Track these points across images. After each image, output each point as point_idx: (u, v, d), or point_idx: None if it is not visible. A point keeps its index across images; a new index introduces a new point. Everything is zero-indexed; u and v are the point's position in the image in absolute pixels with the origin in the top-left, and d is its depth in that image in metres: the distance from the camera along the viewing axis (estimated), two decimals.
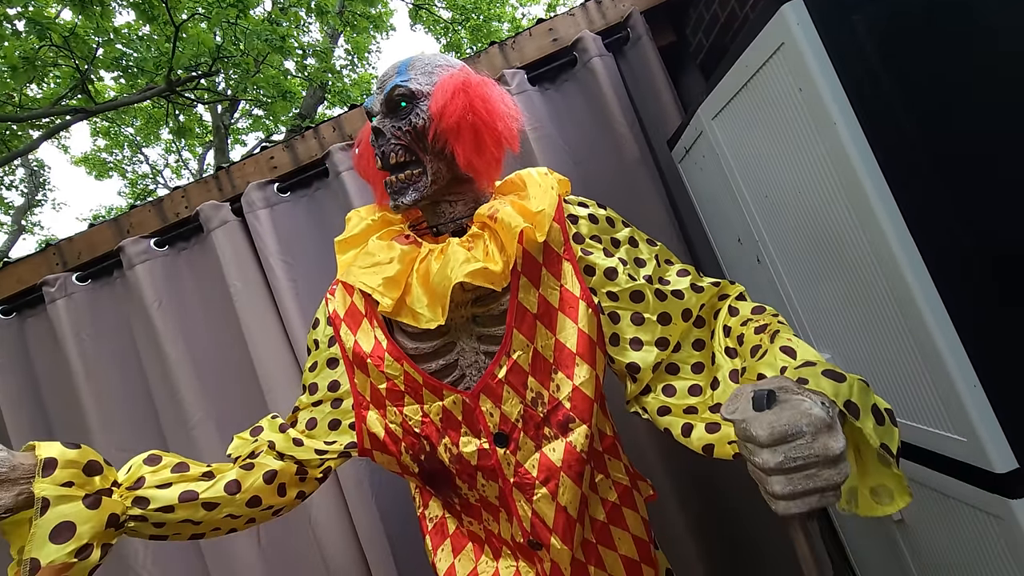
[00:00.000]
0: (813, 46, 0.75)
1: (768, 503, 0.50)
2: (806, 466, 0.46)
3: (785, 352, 0.61)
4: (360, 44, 6.53)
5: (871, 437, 0.50)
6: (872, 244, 0.78)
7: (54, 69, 4.11)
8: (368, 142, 0.86)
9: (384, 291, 0.76)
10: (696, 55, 1.71)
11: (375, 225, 0.85)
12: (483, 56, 1.64)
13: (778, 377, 0.52)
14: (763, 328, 0.70)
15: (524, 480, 0.78)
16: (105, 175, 9.87)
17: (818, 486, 0.46)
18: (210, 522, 0.75)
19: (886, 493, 0.54)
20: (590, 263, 0.81)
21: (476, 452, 0.79)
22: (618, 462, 0.89)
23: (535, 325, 0.78)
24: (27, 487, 0.61)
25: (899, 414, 0.88)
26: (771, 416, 0.48)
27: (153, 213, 1.66)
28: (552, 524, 0.77)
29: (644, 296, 0.79)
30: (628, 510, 0.87)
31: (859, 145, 0.74)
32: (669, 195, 1.58)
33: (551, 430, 0.78)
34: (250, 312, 1.56)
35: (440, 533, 0.91)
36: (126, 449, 1.58)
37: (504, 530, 0.83)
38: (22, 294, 1.67)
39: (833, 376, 0.52)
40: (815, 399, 0.49)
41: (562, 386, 0.78)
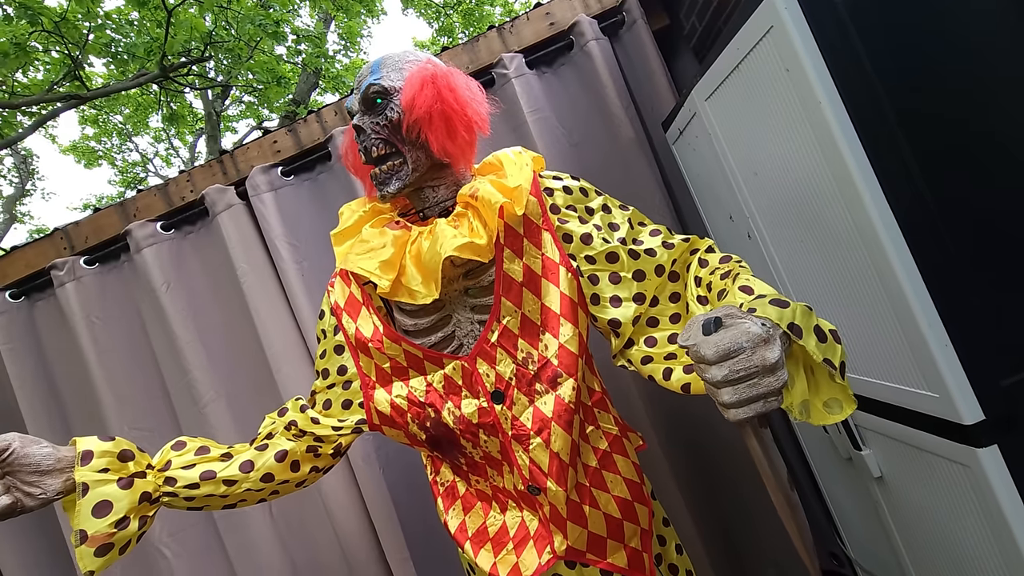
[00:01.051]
0: (800, 29, 0.80)
1: (722, 413, 0.57)
2: (748, 376, 0.53)
3: (743, 291, 0.69)
4: (352, 29, 6.48)
5: (814, 353, 0.57)
6: (853, 215, 0.83)
7: (44, 55, 4.07)
8: (352, 140, 0.93)
9: (381, 273, 0.83)
10: (689, 38, 1.75)
11: (366, 215, 0.92)
12: (481, 40, 1.67)
13: (725, 306, 0.59)
14: (727, 274, 0.78)
15: (520, 432, 0.85)
16: (95, 163, 9.76)
17: (760, 392, 0.53)
18: (234, 495, 0.87)
19: (836, 404, 0.61)
20: (567, 231, 0.88)
21: (476, 411, 0.86)
22: (607, 415, 0.97)
23: (521, 292, 0.85)
24: (70, 475, 0.75)
25: (876, 375, 0.95)
26: (716, 337, 0.55)
27: (159, 197, 1.69)
28: (547, 469, 0.85)
29: (619, 257, 0.87)
30: (619, 456, 0.95)
31: (842, 123, 0.79)
32: (663, 175, 1.63)
33: (542, 385, 0.85)
34: (257, 294, 1.60)
35: (451, 495, 0.98)
36: (139, 428, 1.63)
37: (508, 482, 0.91)
38: (30, 278, 1.70)
39: (778, 303, 0.60)
40: (755, 321, 0.56)
41: (549, 345, 0.85)
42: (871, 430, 1.05)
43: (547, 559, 0.87)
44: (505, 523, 0.92)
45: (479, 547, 0.92)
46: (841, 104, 0.80)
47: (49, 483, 0.73)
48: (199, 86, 4.89)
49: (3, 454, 0.71)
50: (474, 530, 0.93)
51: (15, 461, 0.71)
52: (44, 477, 0.73)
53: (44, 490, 0.73)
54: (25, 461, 0.72)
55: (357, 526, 1.56)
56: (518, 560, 0.88)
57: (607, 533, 0.90)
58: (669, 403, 1.58)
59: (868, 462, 1.07)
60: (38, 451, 0.73)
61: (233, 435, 1.60)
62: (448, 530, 0.96)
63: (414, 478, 1.59)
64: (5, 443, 0.71)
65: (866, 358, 0.96)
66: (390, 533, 1.54)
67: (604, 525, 0.90)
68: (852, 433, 1.09)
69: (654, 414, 1.56)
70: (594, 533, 0.89)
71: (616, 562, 0.90)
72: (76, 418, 1.69)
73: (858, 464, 1.12)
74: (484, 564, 0.89)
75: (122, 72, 4.62)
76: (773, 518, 1.54)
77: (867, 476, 1.09)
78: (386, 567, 1.57)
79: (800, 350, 0.60)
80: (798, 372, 0.61)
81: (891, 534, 1.10)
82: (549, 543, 0.87)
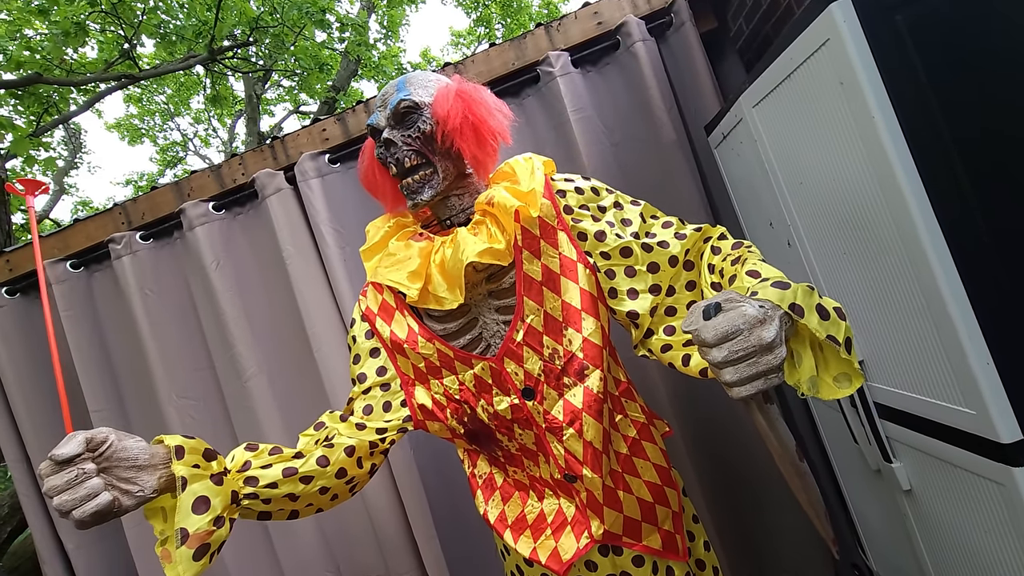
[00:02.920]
0: (857, 43, 0.80)
1: (727, 393, 0.60)
2: (747, 356, 0.57)
3: (750, 275, 0.73)
4: (394, 17, 6.55)
5: (816, 330, 0.61)
6: (899, 229, 0.84)
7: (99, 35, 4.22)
8: (373, 157, 0.98)
9: (409, 283, 0.88)
10: (736, 41, 1.74)
11: (392, 230, 0.97)
12: (528, 37, 1.69)
13: (726, 291, 0.63)
14: (738, 260, 0.81)
15: (553, 425, 0.89)
16: (137, 141, 10.07)
17: (760, 370, 0.57)
18: (306, 496, 0.86)
19: (845, 379, 0.64)
20: (581, 230, 0.92)
21: (509, 408, 0.91)
22: (634, 403, 1.01)
23: (542, 291, 0.89)
24: (164, 471, 0.72)
25: (912, 388, 0.96)
26: (715, 321, 0.59)
27: (212, 178, 1.76)
28: (582, 457, 0.89)
29: (632, 251, 0.90)
30: (647, 443, 0.99)
31: (895, 138, 0.80)
32: (703, 179, 1.64)
33: (570, 379, 0.89)
34: (301, 276, 1.66)
35: (490, 487, 1.03)
36: (186, 397, 1.72)
37: (544, 472, 0.95)
38: (90, 250, 1.80)
39: (780, 285, 0.63)
40: (753, 303, 0.59)
41: (573, 340, 0.89)
42: (903, 443, 1.05)
43: (585, 543, 0.90)
44: (543, 510, 0.96)
45: (518, 534, 0.96)
46: (895, 119, 0.80)
47: (145, 479, 0.69)
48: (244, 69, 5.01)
49: (102, 447, 0.67)
50: (513, 518, 0.98)
51: (113, 455, 0.67)
52: (140, 473, 0.69)
53: (141, 487, 0.68)
54: (123, 455, 0.68)
55: (387, 502, 1.62)
56: (557, 545, 0.92)
57: (641, 517, 0.94)
58: (690, 394, 1.60)
59: (898, 475, 1.07)
60: (134, 445, 0.70)
61: (274, 410, 1.68)
62: (487, 521, 1.00)
63: (443, 460, 1.65)
64: (103, 435, 0.68)
65: (903, 371, 0.97)
66: (418, 511, 1.60)
67: (638, 509, 0.94)
68: (883, 445, 1.10)
69: (677, 405, 1.60)
70: (629, 517, 0.93)
71: (651, 544, 0.94)
72: (127, 384, 1.79)
73: (887, 476, 1.12)
74: (524, 550, 0.93)
75: (170, 53, 4.76)
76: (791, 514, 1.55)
77: (896, 489, 1.10)
78: (413, 543, 1.64)
79: (805, 328, 0.63)
80: (805, 350, 0.64)
81: (917, 548, 1.11)
82: (586, 528, 0.91)
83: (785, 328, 0.60)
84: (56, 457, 0.64)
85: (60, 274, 1.77)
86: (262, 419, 1.66)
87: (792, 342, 0.64)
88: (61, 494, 0.63)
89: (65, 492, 0.63)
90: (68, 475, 0.64)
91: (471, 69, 1.68)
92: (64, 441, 0.65)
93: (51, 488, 0.64)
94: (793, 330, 0.63)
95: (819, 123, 0.95)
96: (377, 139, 0.92)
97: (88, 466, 0.65)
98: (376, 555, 1.67)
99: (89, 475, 0.65)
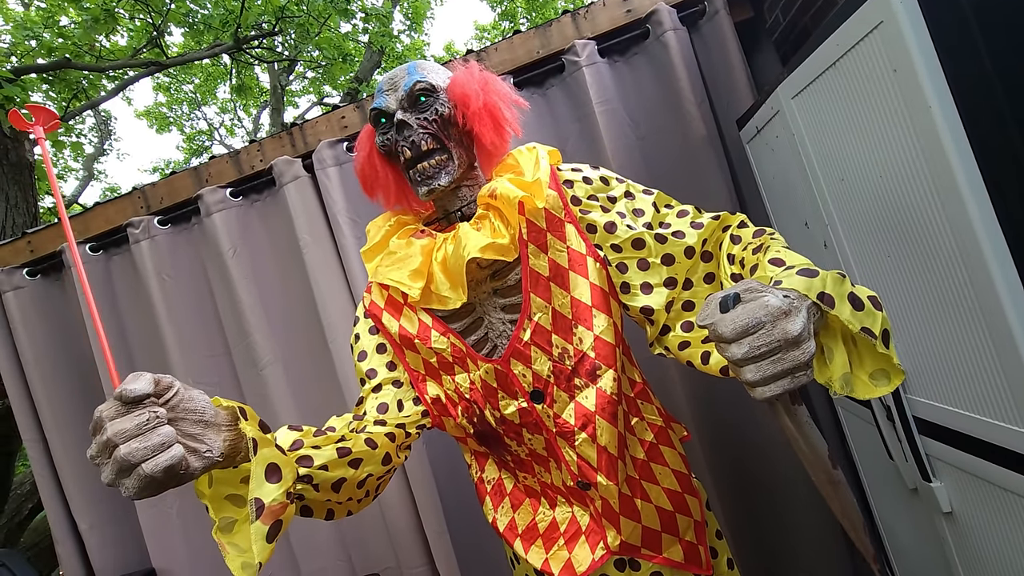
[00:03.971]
0: (915, 25, 0.74)
1: (749, 394, 0.54)
2: (771, 351, 0.50)
3: (773, 263, 0.65)
4: (418, 9, 6.53)
5: (849, 322, 0.54)
6: (955, 231, 0.77)
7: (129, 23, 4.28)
8: (375, 144, 0.91)
9: (411, 283, 0.84)
10: (772, 33, 1.66)
11: (392, 229, 0.93)
12: (554, 25, 1.64)
13: (745, 280, 0.56)
14: (759, 248, 0.74)
15: (564, 429, 0.84)
16: (165, 129, 10.25)
17: (786, 368, 0.50)
18: (348, 486, 0.75)
19: (882, 376, 0.57)
20: (590, 222, 0.86)
21: (517, 412, 0.86)
22: (650, 405, 0.95)
23: (549, 287, 0.84)
24: (228, 434, 0.61)
25: (960, 404, 0.88)
26: (733, 314, 0.52)
27: (230, 164, 1.75)
28: (596, 464, 0.83)
29: (645, 243, 0.84)
30: (665, 447, 0.93)
31: (954, 131, 0.73)
32: (733, 175, 1.57)
33: (581, 380, 0.84)
34: (318, 265, 1.64)
35: (499, 493, 0.98)
36: (202, 382, 1.72)
37: (556, 478, 0.90)
38: (108, 233, 1.80)
39: (807, 273, 0.56)
40: (776, 293, 0.52)
41: (584, 338, 0.84)
42: (945, 462, 0.98)
43: (601, 555, 0.86)
44: (555, 518, 0.92)
45: (529, 544, 0.91)
46: (954, 109, 0.73)
47: (212, 439, 0.58)
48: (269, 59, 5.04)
49: (168, 392, 0.56)
50: (523, 527, 0.93)
51: (179, 404, 0.57)
52: (207, 430, 0.58)
53: (210, 447, 0.57)
54: (190, 406, 0.57)
55: (398, 497, 1.60)
56: (570, 556, 0.87)
57: (661, 527, 0.88)
58: (709, 396, 1.54)
59: (938, 495, 1.00)
60: (199, 396, 0.59)
61: (289, 398, 1.67)
62: (496, 529, 0.95)
63: (455, 455, 1.61)
64: (169, 381, 0.57)
65: (950, 386, 0.90)
66: (430, 506, 1.58)
67: (657, 518, 0.88)
68: (922, 463, 1.03)
69: (695, 407, 1.54)
70: (648, 527, 0.87)
71: (672, 556, 0.89)
72: (143, 368, 1.79)
73: (925, 496, 1.05)
74: (535, 561, 0.89)
75: (197, 42, 4.80)
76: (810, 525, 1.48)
77: (934, 510, 1.03)
78: (424, 538, 1.62)
79: (836, 320, 0.56)
80: (836, 344, 0.58)
81: (956, 574, 1.03)
82: (602, 538, 0.86)
83: (814, 320, 0.54)
84: (126, 394, 0.52)
85: (80, 257, 1.77)
86: (277, 408, 1.66)
87: (822, 335, 0.58)
88: (131, 441, 0.51)
89: (135, 439, 0.51)
90: (138, 418, 0.52)
91: (494, 57, 1.63)
92: (131, 378, 0.54)
93: (118, 433, 0.51)
94: (823, 322, 0.57)
95: (867, 114, 0.88)
96: (382, 124, 0.87)
97: (159, 411, 0.54)
98: (387, 548, 1.66)
99: (161, 421, 0.53)
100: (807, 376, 0.52)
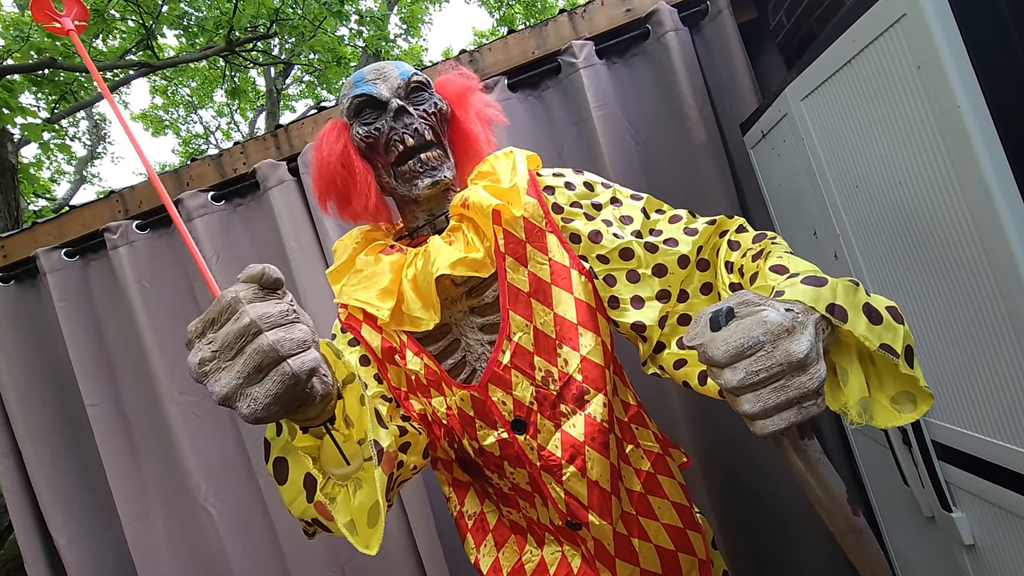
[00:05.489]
0: (942, 17, 0.67)
1: (749, 428, 0.45)
2: (772, 378, 0.42)
3: (775, 271, 0.58)
4: (415, 13, 6.49)
5: (865, 338, 0.46)
6: (984, 242, 0.70)
7: (121, 24, 4.22)
8: (349, 138, 0.81)
9: (379, 303, 0.76)
10: (776, 35, 1.61)
11: (360, 246, 0.85)
12: (550, 24, 1.58)
13: (741, 292, 0.47)
14: (760, 254, 0.67)
15: (550, 462, 0.76)
16: (161, 132, 10.21)
17: (791, 397, 0.42)
18: None
19: (906, 399, 0.49)
20: (573, 231, 0.79)
21: (497, 443, 0.78)
22: (646, 430, 0.86)
23: (530, 303, 0.77)
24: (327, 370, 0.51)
25: (986, 431, 0.82)
26: (725, 333, 0.44)
27: (212, 167, 1.68)
28: (587, 501, 0.75)
29: (634, 252, 0.77)
30: (664, 477, 0.84)
31: (985, 133, 0.67)
32: (736, 182, 1.51)
33: (567, 406, 0.76)
34: (305, 273, 1.58)
35: (481, 529, 0.89)
36: (187, 394, 1.66)
37: (542, 515, 0.82)
38: (85, 238, 1.73)
39: (813, 281, 0.49)
40: (776, 306, 0.44)
41: (570, 359, 0.76)
42: (967, 491, 0.91)
43: None
44: (543, 559, 0.83)
45: None
46: (985, 109, 0.67)
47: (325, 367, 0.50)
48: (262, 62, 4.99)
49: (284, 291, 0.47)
50: (509, 568, 0.84)
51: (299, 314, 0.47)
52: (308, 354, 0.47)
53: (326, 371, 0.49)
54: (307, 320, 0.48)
55: (391, 514, 1.54)
56: None
57: (662, 569, 0.80)
58: (710, 417, 1.46)
59: (959, 526, 0.93)
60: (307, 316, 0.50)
61: None
62: (479, 571, 0.87)
63: None
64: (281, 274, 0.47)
65: (974, 410, 0.83)
66: (423, 523, 1.52)
67: (657, 560, 0.80)
68: (942, 491, 0.96)
69: (694, 429, 1.46)
70: (647, 571, 0.79)
71: None
72: (125, 379, 1.73)
73: (943, 526, 0.98)
74: None
75: (192, 45, 4.75)
76: (828, 566, 1.40)
77: (954, 541, 0.96)
78: (416, 554, 1.56)
79: (850, 336, 0.48)
80: (851, 364, 0.50)
81: None
82: None
83: (823, 337, 0.46)
84: (270, 274, 0.45)
85: (55, 263, 1.70)
86: None
87: (834, 354, 0.51)
88: (277, 329, 0.43)
89: (281, 328, 0.43)
90: (280, 305, 0.45)
91: (488, 57, 1.57)
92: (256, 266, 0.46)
93: (263, 316, 0.42)
94: (834, 339, 0.49)
95: (886, 116, 0.82)
96: (365, 114, 0.80)
97: (295, 305, 0.46)
98: (381, 565, 1.59)
99: (299, 316, 0.46)
100: (817, 406, 0.44)
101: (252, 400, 0.42)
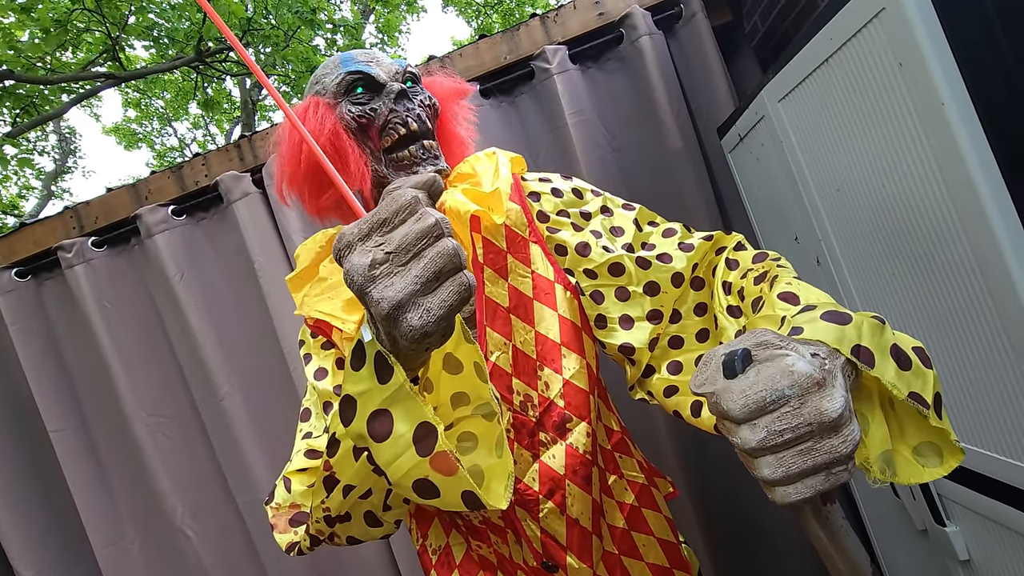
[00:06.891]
0: (923, 10, 0.64)
1: (767, 494, 0.39)
2: (797, 439, 0.36)
3: (784, 299, 0.52)
4: (391, 22, 6.45)
5: (893, 386, 0.41)
6: (973, 245, 0.67)
7: (86, 35, 4.10)
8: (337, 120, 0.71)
9: (345, 315, 0.69)
10: (751, 38, 1.59)
11: (324, 251, 0.77)
12: (522, 29, 1.54)
13: (758, 331, 0.41)
14: (763, 276, 0.61)
15: (526, 497, 0.69)
16: (134, 146, 10.00)
17: (819, 462, 0.36)
18: None
19: (932, 452, 0.43)
20: (559, 241, 0.74)
21: None
22: (630, 459, 0.80)
23: (509, 320, 0.71)
24: None
25: (980, 443, 0.78)
26: (743, 383, 0.38)
27: (172, 180, 1.60)
28: (565, 541, 0.69)
29: (624, 268, 0.71)
30: (649, 511, 0.78)
31: (971, 131, 0.64)
32: (714, 187, 1.48)
33: (547, 434, 0.70)
34: (274, 288, 1.52)
35: (447, 565, 0.80)
36: (157, 414, 1.59)
37: (515, 553, 0.74)
38: (37, 256, 1.63)
39: (835, 318, 0.43)
40: (803, 351, 0.38)
41: (551, 383, 0.70)
42: (961, 504, 0.88)
43: None
44: None
45: None
46: (970, 106, 0.64)
47: None
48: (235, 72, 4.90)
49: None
50: None
51: None
52: None
53: None
54: None
55: None
56: None
57: None
58: (700, 444, 1.41)
59: (953, 541, 0.89)
60: None
61: (250, 430, 1.54)
62: None
63: None
64: None
65: (967, 422, 0.79)
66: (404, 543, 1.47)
67: None
68: (934, 504, 0.92)
69: (683, 456, 1.40)
70: None
71: None
72: (90, 402, 1.64)
73: (937, 540, 0.94)
74: None
75: (162, 56, 4.64)
76: None
77: (948, 556, 0.92)
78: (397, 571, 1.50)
79: (874, 382, 0.43)
80: (873, 412, 0.44)
81: None
82: None
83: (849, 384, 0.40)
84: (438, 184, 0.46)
85: (5, 284, 1.60)
86: (240, 438, 1.52)
87: (854, 400, 0.43)
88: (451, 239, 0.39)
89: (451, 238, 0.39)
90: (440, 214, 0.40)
91: (459, 63, 1.52)
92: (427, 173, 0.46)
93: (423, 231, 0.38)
94: (856, 383, 0.43)
95: (867, 116, 0.78)
96: (357, 93, 0.71)
97: None
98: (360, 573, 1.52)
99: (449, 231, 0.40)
100: (848, 471, 0.37)
101: (426, 311, 0.37)
